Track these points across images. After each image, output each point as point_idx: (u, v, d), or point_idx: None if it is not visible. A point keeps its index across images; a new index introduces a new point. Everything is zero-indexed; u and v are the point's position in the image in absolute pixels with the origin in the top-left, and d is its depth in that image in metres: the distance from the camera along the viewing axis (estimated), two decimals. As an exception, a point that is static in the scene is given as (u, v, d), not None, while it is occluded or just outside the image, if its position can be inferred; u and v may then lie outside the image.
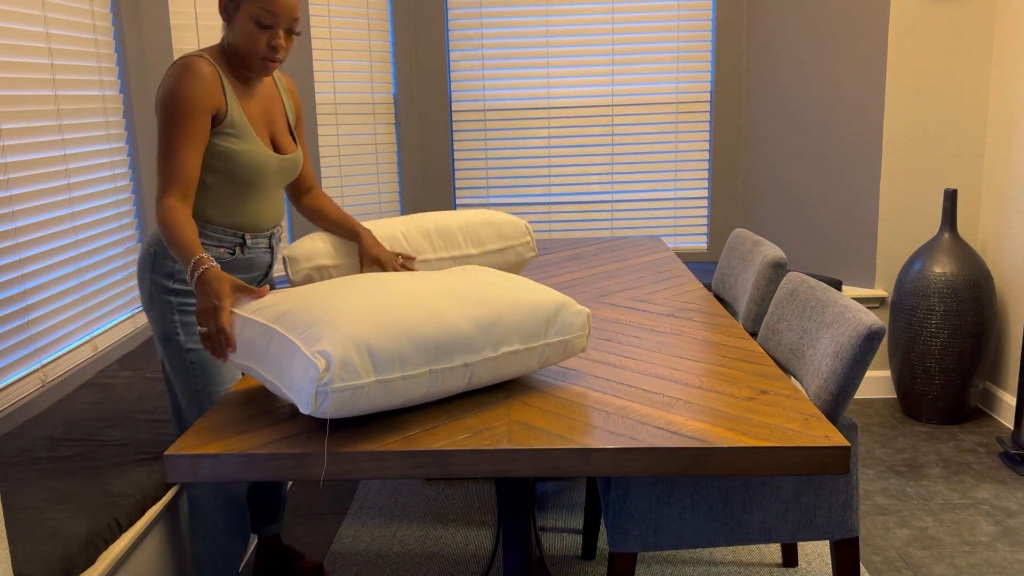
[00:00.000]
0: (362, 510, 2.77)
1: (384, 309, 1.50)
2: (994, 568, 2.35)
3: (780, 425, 1.45)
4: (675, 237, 4.28)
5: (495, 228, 2.23)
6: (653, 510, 1.73)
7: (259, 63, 1.84)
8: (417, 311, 1.52)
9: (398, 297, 1.55)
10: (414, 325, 1.49)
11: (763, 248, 2.51)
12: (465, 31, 4.11)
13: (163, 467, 1.97)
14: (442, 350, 1.49)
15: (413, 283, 1.63)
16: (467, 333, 1.52)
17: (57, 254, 2.50)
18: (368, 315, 1.48)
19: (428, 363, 1.48)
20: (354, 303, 1.51)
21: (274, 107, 2.00)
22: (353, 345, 1.41)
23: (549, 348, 1.64)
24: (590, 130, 4.17)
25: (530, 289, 1.70)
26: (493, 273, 1.77)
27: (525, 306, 1.63)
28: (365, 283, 1.62)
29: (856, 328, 1.68)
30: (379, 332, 1.45)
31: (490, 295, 1.63)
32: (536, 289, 1.70)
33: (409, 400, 1.49)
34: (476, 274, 1.75)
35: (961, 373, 3.28)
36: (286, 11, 1.82)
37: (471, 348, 1.53)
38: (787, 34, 3.85)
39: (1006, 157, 3.34)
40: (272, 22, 1.81)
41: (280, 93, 2.04)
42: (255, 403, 1.62)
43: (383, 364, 1.43)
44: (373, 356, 1.42)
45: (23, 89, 2.36)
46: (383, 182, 4.02)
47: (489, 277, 1.73)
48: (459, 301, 1.58)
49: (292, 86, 2.11)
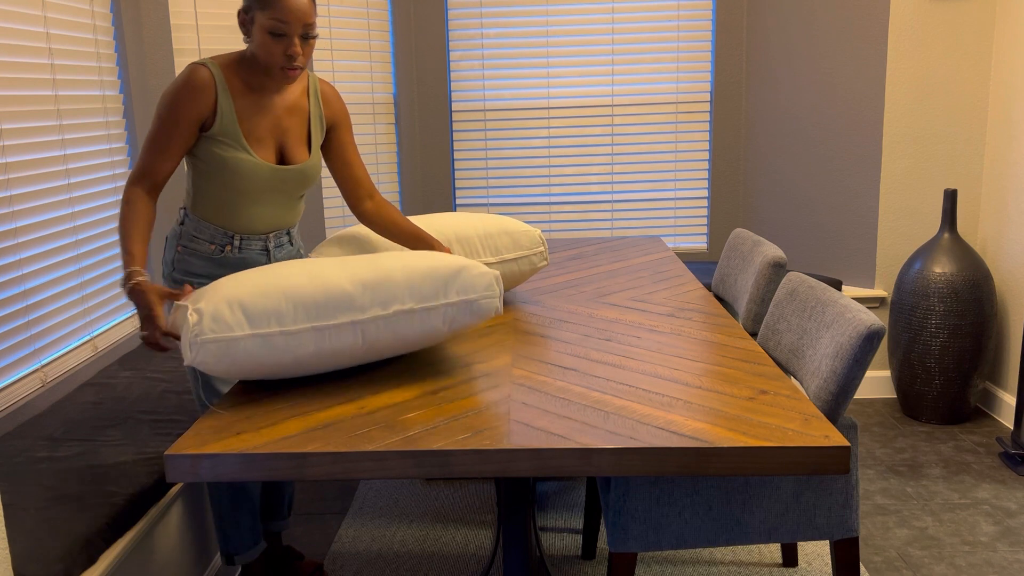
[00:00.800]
0: (362, 510, 2.77)
1: (269, 276, 1.65)
2: (994, 568, 2.35)
3: (780, 425, 1.45)
4: (675, 237, 4.28)
5: (512, 238, 2.31)
6: (653, 510, 1.73)
7: (279, 73, 1.89)
8: (300, 276, 1.66)
9: (294, 270, 1.69)
10: (292, 285, 1.63)
11: (763, 248, 2.51)
12: (465, 31, 4.11)
13: (163, 467, 1.97)
14: (323, 308, 1.62)
15: (318, 261, 1.76)
16: (349, 291, 1.64)
17: (57, 254, 2.50)
18: (251, 280, 1.64)
19: (308, 320, 1.61)
20: (248, 276, 1.67)
21: (291, 117, 2.01)
22: (225, 301, 1.59)
23: (452, 308, 1.70)
24: (590, 130, 4.17)
25: (434, 257, 1.77)
26: (412, 251, 1.85)
27: (420, 268, 1.71)
28: (281, 264, 1.75)
29: (856, 328, 1.68)
30: (254, 291, 1.61)
31: (385, 263, 1.72)
32: (442, 257, 1.77)
33: (300, 358, 1.62)
34: (392, 255, 1.81)
35: (961, 373, 3.28)
36: (297, 18, 1.83)
37: (356, 306, 1.64)
38: (787, 34, 3.85)
39: (1006, 157, 3.34)
40: (285, 31, 1.83)
41: (310, 102, 2.04)
42: (255, 403, 1.62)
43: (257, 319, 1.59)
44: (246, 311, 1.58)
45: (23, 89, 2.36)
46: (383, 182, 4.02)
47: (403, 255, 1.79)
48: (350, 268, 1.70)
49: (331, 94, 2.10)
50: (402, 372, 1.78)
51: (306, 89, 2.05)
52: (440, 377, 1.73)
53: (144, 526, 1.88)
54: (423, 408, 1.57)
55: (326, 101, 2.08)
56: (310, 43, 1.89)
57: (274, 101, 1.98)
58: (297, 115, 2.02)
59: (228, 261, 2.02)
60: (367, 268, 1.70)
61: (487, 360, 1.84)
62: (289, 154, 2.01)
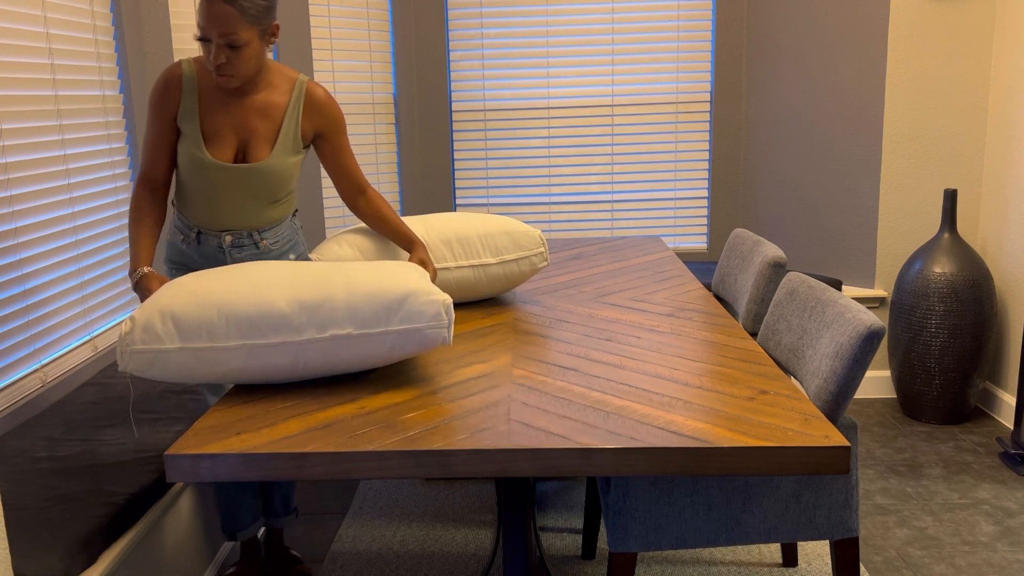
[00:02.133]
0: (362, 510, 2.77)
1: (208, 285, 1.65)
2: (994, 568, 2.35)
3: (780, 425, 1.45)
4: (675, 237, 4.28)
5: (512, 238, 2.32)
6: (653, 510, 1.73)
7: (217, 78, 1.91)
8: (238, 289, 1.64)
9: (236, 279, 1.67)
10: (227, 300, 1.62)
11: (763, 248, 2.51)
12: (465, 31, 4.11)
13: (163, 467, 1.97)
14: (256, 326, 1.60)
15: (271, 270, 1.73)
16: (284, 312, 1.62)
17: (57, 254, 2.50)
18: (188, 290, 1.64)
19: (240, 337, 1.60)
20: (192, 281, 1.66)
21: (260, 117, 2.00)
22: (158, 312, 1.60)
23: (395, 336, 1.65)
24: (590, 130, 4.17)
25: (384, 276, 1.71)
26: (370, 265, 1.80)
27: (362, 291, 1.67)
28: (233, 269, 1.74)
29: (856, 328, 1.68)
30: (188, 304, 1.61)
31: (331, 278, 1.68)
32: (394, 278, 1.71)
33: (231, 372, 1.62)
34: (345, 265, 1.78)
35: (961, 373, 3.28)
36: (213, 26, 1.83)
37: (290, 327, 1.61)
38: (787, 34, 3.85)
39: (1006, 157, 3.34)
40: (207, 36, 1.85)
41: (289, 105, 2.02)
42: (255, 403, 1.62)
43: (188, 332, 1.59)
44: (177, 323, 1.59)
45: (23, 89, 2.36)
46: (383, 182, 4.02)
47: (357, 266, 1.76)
48: (293, 284, 1.67)
49: (321, 100, 2.06)
50: (402, 372, 1.78)
51: (290, 91, 2.04)
52: (440, 377, 1.73)
53: (144, 526, 1.88)
54: (423, 408, 1.57)
55: (312, 107, 2.05)
56: (239, 52, 1.86)
57: (244, 101, 1.99)
58: (269, 116, 2.01)
59: (190, 253, 2.08)
60: (310, 286, 1.66)
61: (487, 360, 1.84)
62: (251, 154, 2.01)
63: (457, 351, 1.91)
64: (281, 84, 2.03)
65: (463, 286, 2.28)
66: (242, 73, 1.90)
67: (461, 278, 2.27)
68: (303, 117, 2.05)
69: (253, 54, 1.90)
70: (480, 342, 1.97)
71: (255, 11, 1.85)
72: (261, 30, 1.89)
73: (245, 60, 1.89)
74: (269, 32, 1.93)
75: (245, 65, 1.89)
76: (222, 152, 1.98)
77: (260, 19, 1.87)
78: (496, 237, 2.31)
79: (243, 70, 1.90)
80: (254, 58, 1.91)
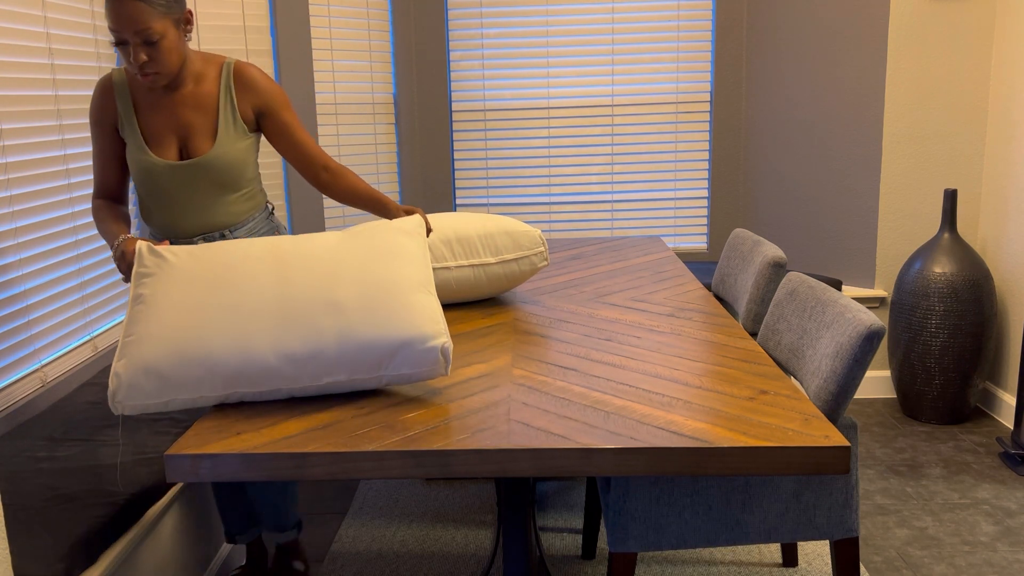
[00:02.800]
0: (362, 510, 2.77)
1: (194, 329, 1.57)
2: (994, 568, 2.35)
3: (780, 425, 1.45)
4: (675, 237, 4.28)
5: (512, 238, 2.31)
6: (653, 510, 1.73)
7: (142, 79, 1.88)
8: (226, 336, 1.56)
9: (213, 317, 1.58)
10: (215, 353, 1.55)
11: (763, 248, 2.51)
12: (465, 31, 4.11)
13: (163, 467, 1.97)
14: (246, 378, 1.56)
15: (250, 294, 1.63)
16: (274, 366, 1.56)
17: (57, 254, 2.50)
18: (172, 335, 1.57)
19: (231, 387, 1.56)
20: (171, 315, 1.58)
21: (195, 111, 1.98)
22: (142, 370, 1.54)
23: (390, 378, 1.61)
24: (590, 130, 4.17)
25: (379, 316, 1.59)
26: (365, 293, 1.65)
27: (355, 342, 1.57)
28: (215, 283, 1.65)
29: (856, 328, 1.68)
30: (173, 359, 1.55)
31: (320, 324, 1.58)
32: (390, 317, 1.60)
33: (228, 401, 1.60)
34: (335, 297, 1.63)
35: (961, 373, 3.28)
36: (126, 26, 1.79)
37: (282, 378, 1.57)
38: (787, 34, 3.85)
39: (1006, 157, 3.34)
40: (124, 39, 1.82)
41: (220, 90, 1.99)
42: (255, 403, 1.62)
43: (175, 387, 1.55)
44: (163, 380, 1.55)
45: (23, 89, 2.36)
46: (383, 182, 4.02)
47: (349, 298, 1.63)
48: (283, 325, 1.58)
49: (250, 78, 2.01)
50: (402, 372, 1.78)
51: (218, 77, 2.00)
52: (440, 377, 1.73)
53: (144, 526, 1.88)
54: (423, 408, 1.57)
55: (242, 86, 2.00)
56: (158, 47, 1.83)
57: (176, 98, 1.97)
58: (203, 107, 1.98)
59: None
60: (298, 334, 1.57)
61: (487, 360, 1.84)
62: (193, 149, 1.98)
63: (457, 351, 1.91)
64: (210, 72, 2.00)
65: (463, 286, 2.28)
66: (166, 68, 1.87)
67: (461, 278, 2.27)
68: (237, 99, 2.00)
69: (172, 46, 1.86)
70: (480, 342, 1.97)
71: (163, 1, 1.82)
72: (174, 19, 1.85)
73: (166, 54, 1.85)
74: (183, 20, 1.89)
75: (167, 59, 1.86)
76: (166, 152, 1.96)
77: (170, 8, 1.83)
78: (496, 237, 2.31)
79: (166, 65, 1.86)
80: (174, 50, 1.87)
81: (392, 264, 1.72)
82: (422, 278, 1.71)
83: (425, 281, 1.71)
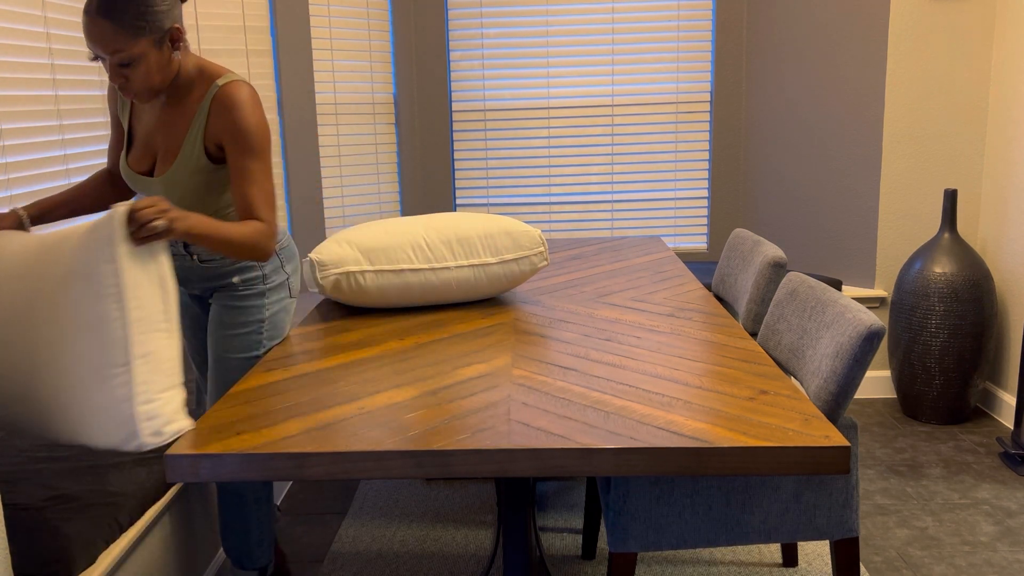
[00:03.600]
0: (362, 510, 2.77)
1: None
2: (994, 568, 2.35)
3: (780, 425, 1.45)
4: (675, 237, 4.28)
5: (512, 238, 2.31)
6: (653, 510, 1.73)
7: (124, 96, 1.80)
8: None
9: None
10: None
11: (763, 248, 2.51)
12: (465, 31, 4.11)
13: (163, 467, 1.97)
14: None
15: None
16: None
17: (57, 254, 2.50)
18: None
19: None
20: None
21: (169, 128, 1.85)
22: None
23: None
24: (590, 130, 4.17)
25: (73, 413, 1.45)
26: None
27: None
28: None
29: (856, 328, 1.68)
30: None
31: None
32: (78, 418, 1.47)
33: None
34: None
35: (961, 373, 3.28)
36: (97, 47, 1.66)
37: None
38: (787, 34, 3.85)
39: (1006, 157, 3.34)
40: (97, 54, 1.68)
41: (197, 112, 1.81)
42: (255, 403, 1.62)
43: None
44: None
45: (23, 89, 2.36)
46: (383, 182, 4.02)
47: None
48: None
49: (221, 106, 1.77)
50: (402, 372, 1.78)
51: (200, 98, 1.81)
52: (440, 377, 1.73)
53: (144, 526, 1.88)
54: (423, 408, 1.57)
55: (216, 114, 1.78)
56: (136, 69, 1.68)
57: (162, 110, 1.85)
58: (174, 127, 1.83)
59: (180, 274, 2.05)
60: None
61: (487, 360, 1.84)
62: (158, 166, 1.86)
63: (457, 351, 1.91)
64: (197, 90, 1.82)
65: (463, 286, 2.28)
66: (148, 88, 1.73)
67: (461, 278, 2.27)
68: (208, 126, 1.80)
69: (153, 68, 1.70)
70: (480, 342, 1.97)
71: (140, 22, 1.64)
72: (155, 39, 1.68)
73: (145, 76, 1.70)
74: (168, 38, 1.71)
75: (147, 80, 1.71)
76: (139, 161, 1.89)
77: (148, 28, 1.66)
78: (496, 237, 2.31)
79: (148, 85, 1.72)
80: (156, 71, 1.71)
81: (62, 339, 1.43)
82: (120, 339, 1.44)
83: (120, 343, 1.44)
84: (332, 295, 2.24)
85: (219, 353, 1.98)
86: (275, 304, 2.01)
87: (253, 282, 1.97)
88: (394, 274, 2.22)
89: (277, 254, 2.02)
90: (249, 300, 1.97)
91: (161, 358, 1.48)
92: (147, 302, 1.45)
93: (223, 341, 1.97)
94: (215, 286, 1.97)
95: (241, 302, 1.97)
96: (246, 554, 2.13)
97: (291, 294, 2.06)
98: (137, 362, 1.44)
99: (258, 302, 1.98)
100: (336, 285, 2.20)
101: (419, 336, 2.05)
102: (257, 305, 1.98)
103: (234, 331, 1.96)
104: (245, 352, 1.97)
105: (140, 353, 1.44)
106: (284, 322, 2.04)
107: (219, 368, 1.98)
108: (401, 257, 2.24)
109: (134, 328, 1.43)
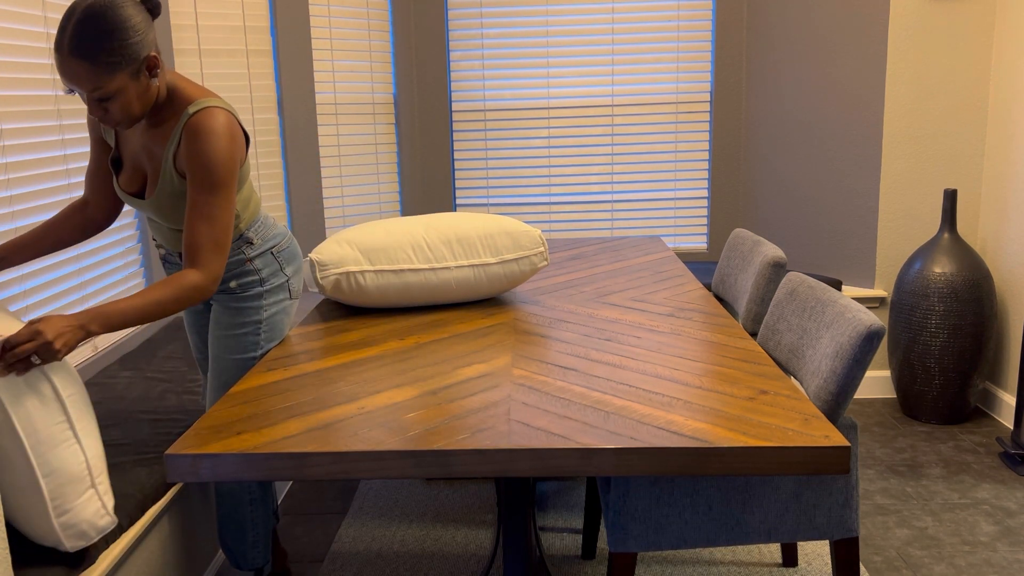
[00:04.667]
0: (362, 510, 2.77)
1: None
2: (994, 568, 2.35)
3: (780, 425, 1.45)
4: (675, 237, 4.28)
5: (512, 238, 2.32)
6: (653, 510, 1.73)
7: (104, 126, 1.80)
8: None
9: None
10: None
11: (763, 248, 2.51)
12: (465, 31, 4.11)
13: (163, 467, 1.97)
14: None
15: None
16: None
17: (57, 254, 2.50)
18: None
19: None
20: None
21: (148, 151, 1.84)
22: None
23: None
24: (590, 130, 4.17)
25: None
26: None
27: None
28: None
29: (856, 328, 1.68)
30: None
31: None
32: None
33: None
34: None
35: (961, 373, 3.28)
36: (72, 84, 1.63)
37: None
38: (787, 34, 3.85)
39: (1006, 157, 3.34)
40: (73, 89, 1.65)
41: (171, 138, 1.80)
42: (255, 403, 1.62)
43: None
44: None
45: (23, 89, 2.36)
46: (383, 182, 4.02)
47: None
48: None
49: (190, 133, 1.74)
50: (402, 372, 1.78)
51: (175, 124, 1.80)
52: (440, 377, 1.73)
53: (144, 526, 1.88)
54: (423, 408, 1.57)
55: (184, 140, 1.76)
56: (114, 102, 1.66)
57: (143, 133, 1.84)
58: (155, 151, 1.83)
59: None
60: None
61: (487, 360, 1.84)
62: (147, 188, 1.87)
63: (457, 351, 1.91)
64: (173, 115, 1.80)
65: (463, 286, 2.28)
66: (128, 118, 1.71)
67: (461, 278, 2.27)
68: (178, 152, 1.79)
69: (132, 98, 1.68)
70: (480, 342, 1.97)
71: (115, 58, 1.61)
72: (131, 71, 1.65)
73: (125, 107, 1.68)
74: (144, 67, 1.68)
75: (127, 111, 1.69)
76: (129, 182, 1.89)
77: (125, 63, 1.63)
78: (496, 237, 2.31)
79: (128, 115, 1.70)
80: (135, 101, 1.69)
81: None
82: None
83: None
84: (332, 295, 2.24)
85: (217, 353, 1.99)
86: (274, 305, 2.01)
87: (251, 285, 1.98)
88: (394, 274, 2.23)
89: (276, 256, 2.01)
90: (247, 301, 1.97)
91: (68, 471, 1.54)
92: (41, 424, 1.50)
93: (221, 342, 1.98)
94: None
95: (239, 303, 1.97)
96: (242, 555, 2.14)
97: (291, 296, 2.05)
98: (44, 481, 1.51)
99: (256, 303, 1.98)
100: (336, 285, 2.20)
101: (419, 336, 2.05)
102: (255, 306, 1.98)
103: (232, 332, 1.97)
104: (242, 353, 1.97)
105: (45, 473, 1.51)
106: (283, 323, 2.04)
107: (218, 368, 1.99)
108: (401, 257, 2.24)
109: (32, 453, 1.49)
